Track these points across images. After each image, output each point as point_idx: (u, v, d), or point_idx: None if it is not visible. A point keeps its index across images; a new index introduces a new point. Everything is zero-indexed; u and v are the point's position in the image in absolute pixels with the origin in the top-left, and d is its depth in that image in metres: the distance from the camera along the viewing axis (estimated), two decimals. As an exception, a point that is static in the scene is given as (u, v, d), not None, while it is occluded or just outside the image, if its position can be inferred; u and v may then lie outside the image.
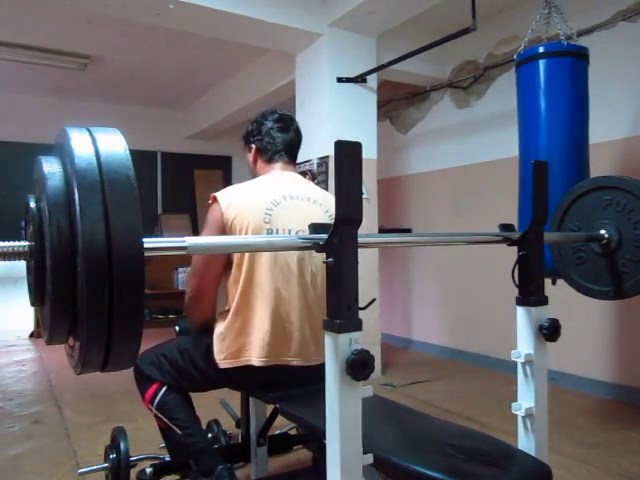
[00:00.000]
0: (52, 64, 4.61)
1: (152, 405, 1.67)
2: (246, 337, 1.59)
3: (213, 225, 1.61)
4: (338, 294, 0.92)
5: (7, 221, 4.24)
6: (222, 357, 1.60)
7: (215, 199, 1.61)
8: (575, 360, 3.34)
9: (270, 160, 1.79)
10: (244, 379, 1.67)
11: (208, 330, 1.68)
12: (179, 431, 1.65)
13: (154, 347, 1.77)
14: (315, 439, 1.93)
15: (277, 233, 1.57)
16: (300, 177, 1.81)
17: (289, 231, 1.59)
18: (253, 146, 1.82)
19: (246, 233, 1.55)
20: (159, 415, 1.67)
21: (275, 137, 1.78)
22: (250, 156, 1.84)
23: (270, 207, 1.60)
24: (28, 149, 5.05)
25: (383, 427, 1.28)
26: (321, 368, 1.69)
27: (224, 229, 1.58)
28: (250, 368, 1.58)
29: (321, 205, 1.70)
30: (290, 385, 1.62)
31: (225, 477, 1.58)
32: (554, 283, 2.21)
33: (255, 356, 1.57)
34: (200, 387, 1.74)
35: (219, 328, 1.63)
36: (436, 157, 4.47)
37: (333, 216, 1.69)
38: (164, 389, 1.68)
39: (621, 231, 1.47)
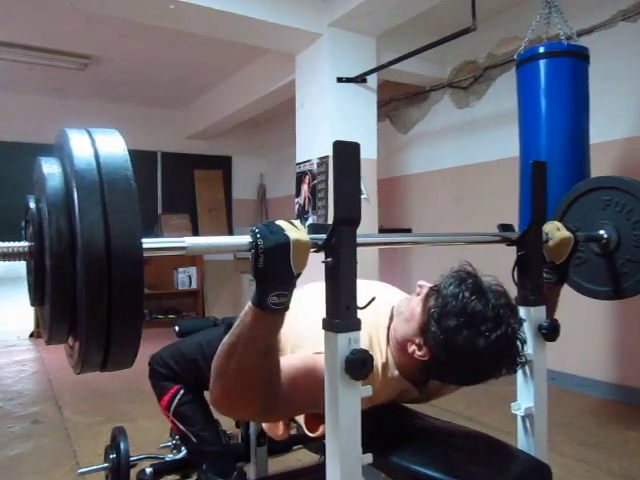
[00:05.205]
0: (52, 64, 4.61)
1: (169, 412, 1.65)
2: None
3: None
4: (337, 294, 0.92)
5: (7, 221, 4.23)
6: None
7: None
8: (575, 360, 3.33)
9: None
10: None
11: None
12: (194, 439, 1.64)
13: (170, 345, 1.72)
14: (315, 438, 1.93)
15: None
16: None
17: None
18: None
19: None
20: (176, 422, 1.65)
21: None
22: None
23: None
24: (28, 149, 5.04)
25: (383, 427, 1.28)
26: None
27: None
28: None
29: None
30: None
31: None
32: None
33: None
34: None
35: None
36: (436, 157, 4.47)
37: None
38: (181, 393, 1.65)
39: (620, 231, 1.48)
